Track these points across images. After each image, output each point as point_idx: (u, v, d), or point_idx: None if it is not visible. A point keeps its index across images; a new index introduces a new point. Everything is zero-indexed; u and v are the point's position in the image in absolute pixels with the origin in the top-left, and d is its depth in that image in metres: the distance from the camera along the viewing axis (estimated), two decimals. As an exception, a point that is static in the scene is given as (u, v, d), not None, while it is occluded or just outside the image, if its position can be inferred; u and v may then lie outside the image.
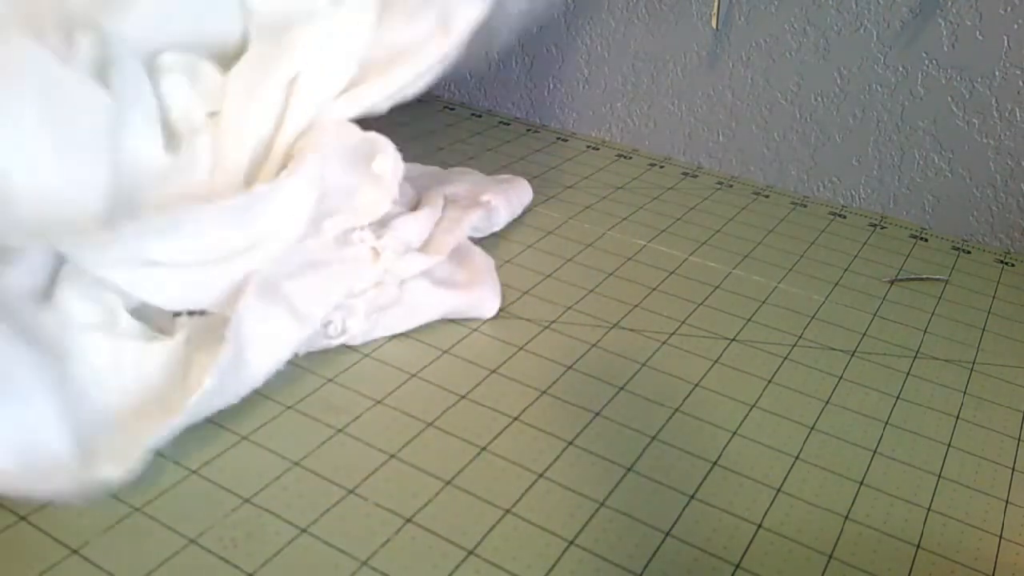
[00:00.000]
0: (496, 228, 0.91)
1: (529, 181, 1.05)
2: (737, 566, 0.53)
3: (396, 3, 0.77)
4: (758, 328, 0.79)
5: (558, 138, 1.21)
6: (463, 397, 0.66)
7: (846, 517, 0.58)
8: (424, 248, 0.77)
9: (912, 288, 0.88)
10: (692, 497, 0.58)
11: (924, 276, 0.91)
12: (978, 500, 0.61)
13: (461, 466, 0.59)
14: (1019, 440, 0.67)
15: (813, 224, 1.01)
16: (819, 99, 1.03)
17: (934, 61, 0.95)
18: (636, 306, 0.81)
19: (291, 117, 0.72)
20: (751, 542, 0.55)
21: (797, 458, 0.63)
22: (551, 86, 1.23)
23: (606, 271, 0.86)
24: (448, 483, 0.58)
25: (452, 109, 1.27)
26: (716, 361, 0.74)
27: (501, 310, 0.77)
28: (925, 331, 0.81)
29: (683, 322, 0.79)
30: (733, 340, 0.77)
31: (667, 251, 0.91)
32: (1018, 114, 0.92)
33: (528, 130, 1.22)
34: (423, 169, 0.98)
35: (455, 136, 1.17)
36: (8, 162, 0.59)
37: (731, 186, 1.10)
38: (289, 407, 0.63)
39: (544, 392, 0.68)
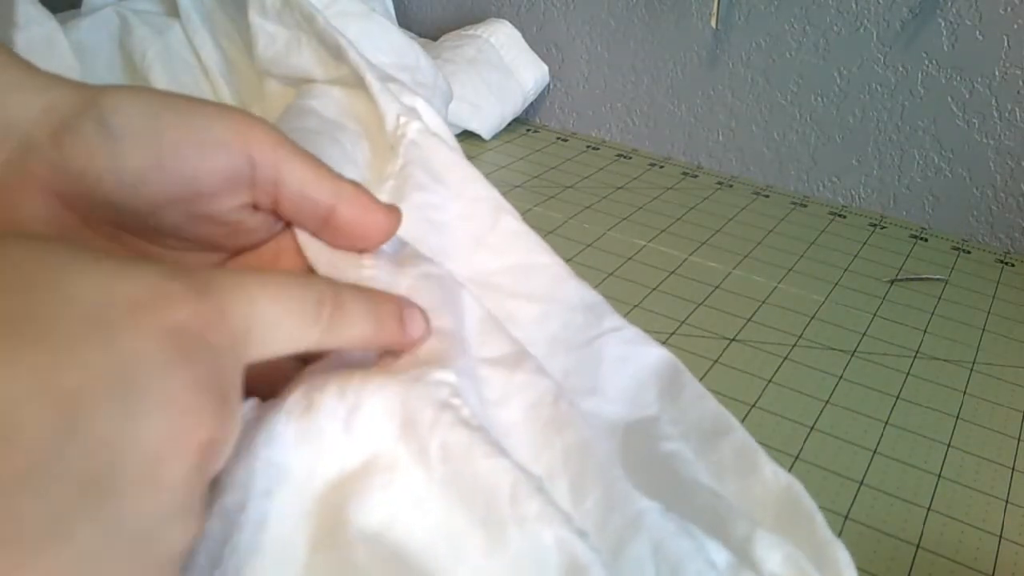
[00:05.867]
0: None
1: (529, 181, 1.05)
2: (737, 566, 0.53)
3: None
4: (758, 328, 0.79)
5: (558, 138, 1.21)
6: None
7: (846, 517, 0.58)
8: None
9: (912, 288, 0.88)
10: (692, 497, 0.58)
11: (924, 276, 0.91)
12: (978, 500, 0.61)
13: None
14: (1019, 440, 0.68)
15: (813, 224, 1.01)
16: (819, 99, 1.03)
17: (934, 61, 0.95)
18: (636, 306, 0.81)
19: None
20: (751, 542, 0.55)
21: (797, 458, 0.63)
22: (551, 86, 1.23)
23: (606, 271, 0.86)
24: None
25: (452, 109, 1.27)
26: (716, 361, 0.74)
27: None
28: (925, 331, 0.81)
29: (683, 322, 0.79)
30: (733, 340, 0.77)
31: (667, 251, 0.91)
32: (1018, 114, 0.92)
33: (528, 130, 1.22)
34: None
35: (455, 136, 1.17)
36: None
37: (731, 186, 1.10)
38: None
39: (544, 392, 0.68)
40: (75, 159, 0.21)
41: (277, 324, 0.19)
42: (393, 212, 0.25)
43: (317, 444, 0.21)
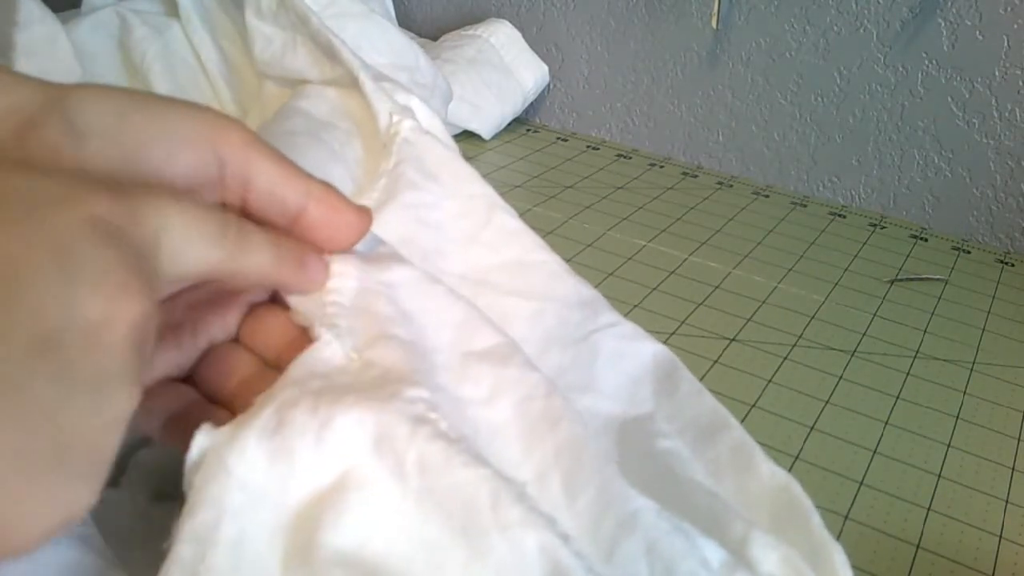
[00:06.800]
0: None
1: (529, 181, 1.05)
2: (737, 566, 0.53)
3: None
4: (758, 328, 0.79)
5: (558, 138, 1.21)
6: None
7: (846, 517, 0.58)
8: None
9: (912, 288, 0.88)
10: (692, 497, 0.58)
11: (924, 276, 0.91)
12: (978, 500, 0.61)
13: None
14: (1019, 440, 0.67)
15: (813, 224, 1.01)
16: (819, 99, 1.03)
17: (934, 61, 0.95)
18: (636, 306, 0.81)
19: None
20: (751, 542, 0.55)
21: (797, 458, 0.63)
22: (551, 86, 1.23)
23: (606, 271, 0.86)
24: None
25: (452, 109, 1.27)
26: (716, 361, 0.74)
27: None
28: (925, 331, 0.81)
29: (683, 322, 0.79)
30: (733, 340, 0.77)
31: (667, 251, 0.91)
32: (1018, 114, 0.92)
33: (528, 130, 1.22)
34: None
35: (455, 136, 1.17)
36: None
37: (731, 186, 1.10)
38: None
39: (544, 392, 0.67)
40: (40, 158, 0.20)
41: (185, 239, 0.20)
42: (363, 213, 0.25)
43: (289, 461, 0.20)
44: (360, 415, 0.21)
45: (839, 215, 1.04)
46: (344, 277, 0.25)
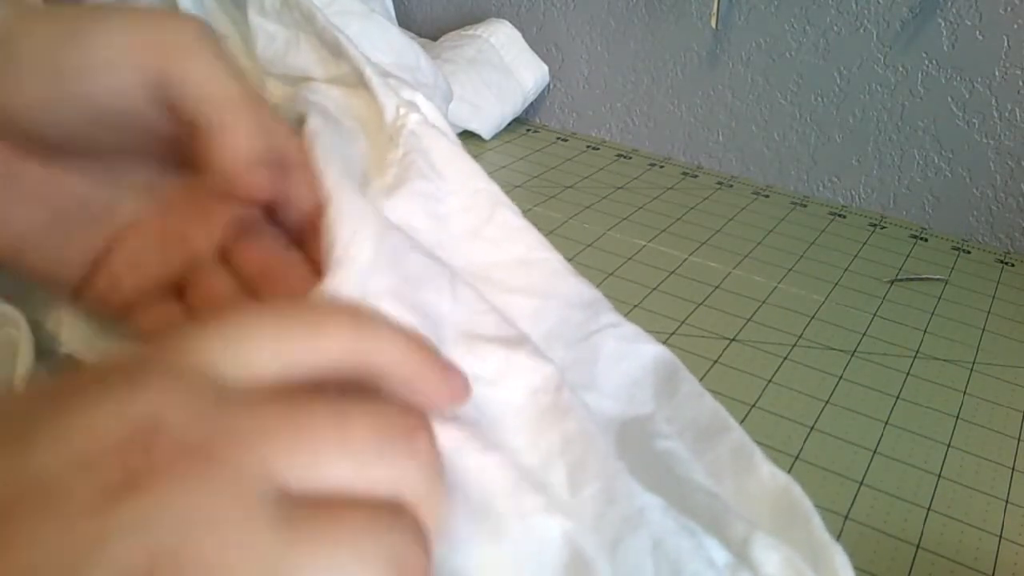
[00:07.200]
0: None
1: (529, 181, 1.05)
2: (737, 566, 0.53)
3: None
4: (758, 328, 0.79)
5: (558, 138, 1.21)
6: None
7: (846, 517, 0.58)
8: None
9: (912, 288, 0.88)
10: (692, 497, 0.58)
11: (924, 276, 0.91)
12: (978, 500, 0.61)
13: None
14: (1019, 440, 0.67)
15: (813, 224, 1.01)
16: (819, 99, 1.03)
17: (934, 61, 0.95)
18: (636, 306, 0.81)
19: None
20: (751, 542, 0.55)
21: (797, 458, 0.63)
22: (551, 86, 1.23)
23: (606, 271, 0.86)
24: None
25: (452, 109, 1.27)
26: (716, 361, 0.74)
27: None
28: (925, 331, 0.81)
29: (683, 322, 0.79)
30: (733, 340, 0.77)
31: (667, 251, 0.91)
32: (1018, 114, 0.92)
33: (528, 130, 1.22)
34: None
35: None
36: None
37: (731, 186, 1.10)
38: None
39: (544, 392, 0.68)
40: None
41: (254, 336, 0.16)
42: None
43: None
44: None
45: (839, 215, 1.04)
46: (366, 218, 0.24)
